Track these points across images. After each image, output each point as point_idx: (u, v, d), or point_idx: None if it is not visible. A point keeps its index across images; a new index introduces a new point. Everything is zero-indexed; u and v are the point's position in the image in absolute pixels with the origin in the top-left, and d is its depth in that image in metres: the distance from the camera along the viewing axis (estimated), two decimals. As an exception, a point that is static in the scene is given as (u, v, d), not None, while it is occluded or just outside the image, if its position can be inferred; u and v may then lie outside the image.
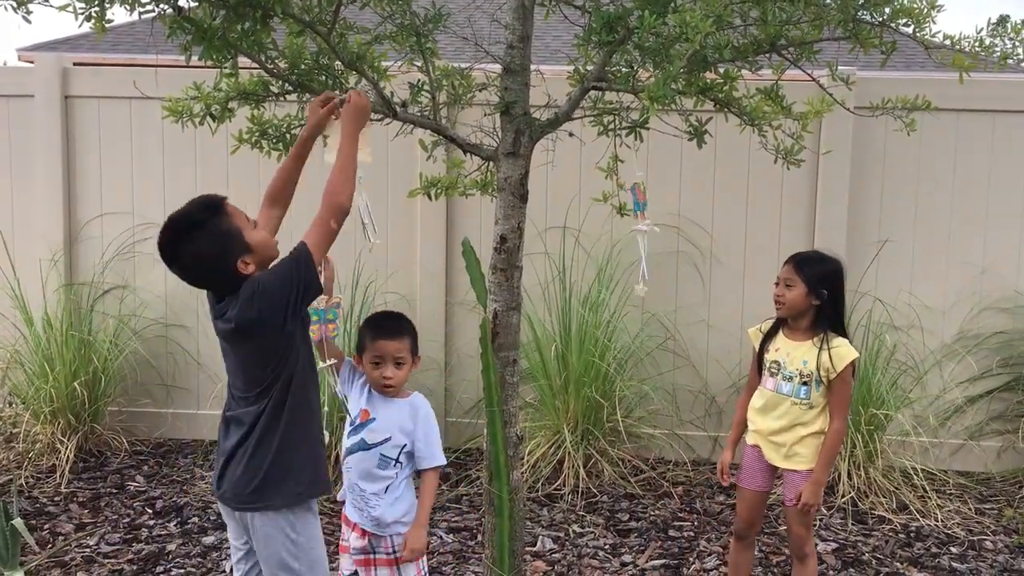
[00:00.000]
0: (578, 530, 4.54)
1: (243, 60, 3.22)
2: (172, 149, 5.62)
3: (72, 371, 5.24)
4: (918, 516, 4.76)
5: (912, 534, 4.59)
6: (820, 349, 3.33)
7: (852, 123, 5.22)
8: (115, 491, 4.90)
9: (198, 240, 2.56)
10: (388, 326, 3.09)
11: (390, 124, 3.32)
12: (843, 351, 3.30)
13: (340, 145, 2.75)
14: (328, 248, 2.63)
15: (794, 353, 3.39)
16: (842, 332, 3.39)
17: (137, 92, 5.42)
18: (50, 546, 4.22)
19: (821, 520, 4.71)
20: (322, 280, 2.69)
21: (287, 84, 3.21)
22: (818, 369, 3.31)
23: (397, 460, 3.06)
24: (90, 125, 5.68)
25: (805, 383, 3.34)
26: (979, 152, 5.40)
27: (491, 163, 3.50)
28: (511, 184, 3.36)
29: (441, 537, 4.43)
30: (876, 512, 4.80)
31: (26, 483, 4.93)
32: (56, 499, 4.77)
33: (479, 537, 4.38)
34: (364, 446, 3.05)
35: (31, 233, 5.66)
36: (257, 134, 3.47)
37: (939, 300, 5.46)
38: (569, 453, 5.01)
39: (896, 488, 4.93)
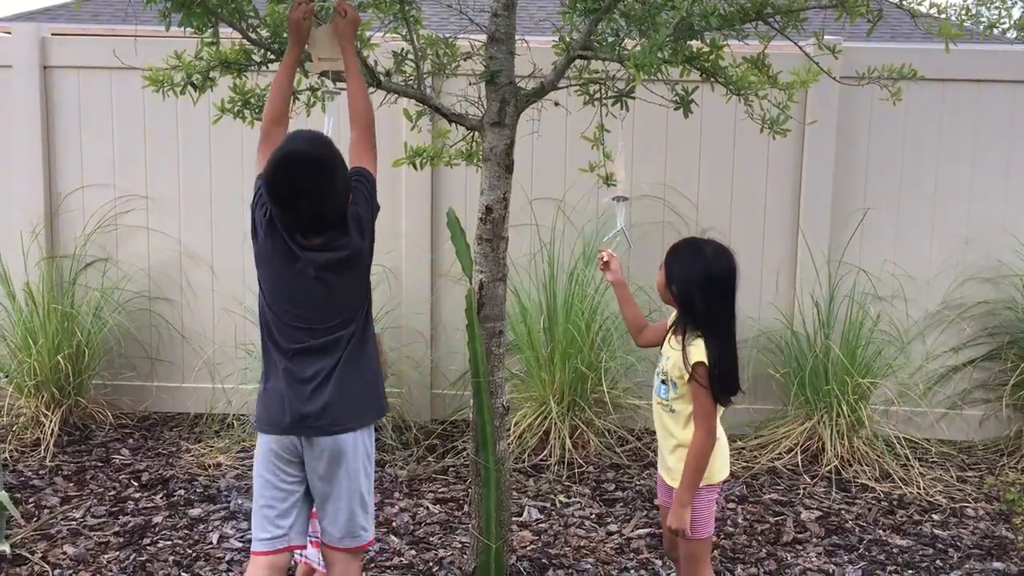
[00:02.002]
0: (564, 500, 4.56)
1: (225, 30, 3.18)
2: (153, 120, 5.56)
3: (55, 344, 5.20)
4: (901, 484, 4.80)
5: (895, 502, 4.64)
6: (683, 346, 2.95)
7: (838, 93, 5.21)
8: (100, 464, 4.89)
9: (339, 172, 2.61)
10: None
11: (373, 93, 3.29)
12: (692, 350, 2.90)
13: (348, 65, 2.92)
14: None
15: (665, 347, 3.07)
16: (713, 337, 2.92)
17: (117, 62, 5.33)
18: (35, 519, 4.21)
19: (805, 489, 4.75)
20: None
21: (269, 53, 3.17)
22: (675, 367, 2.96)
23: None
24: (70, 96, 5.60)
25: (663, 381, 3.02)
26: (964, 122, 5.41)
27: (476, 133, 3.48)
28: (496, 154, 3.34)
29: (428, 508, 4.44)
30: (859, 480, 4.84)
31: (10, 457, 4.91)
32: (41, 472, 4.75)
33: (466, 508, 4.40)
34: None
35: (11, 206, 5.59)
36: (239, 103, 3.44)
37: (923, 270, 5.48)
38: (555, 424, 5.03)
39: (879, 457, 4.97)
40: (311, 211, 2.55)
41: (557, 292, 5.20)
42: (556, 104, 3.63)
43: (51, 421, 5.11)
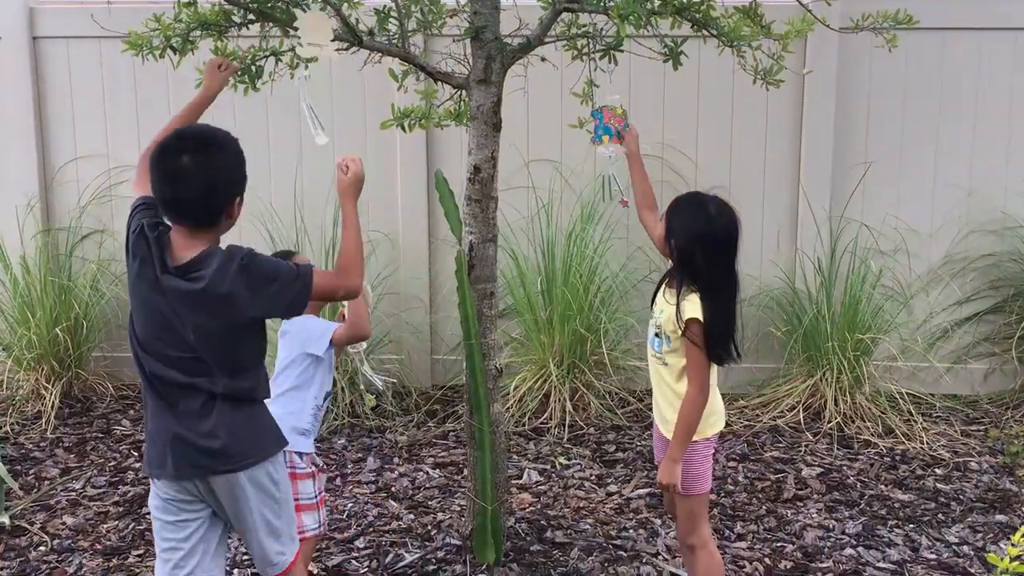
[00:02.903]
0: (564, 462, 4.55)
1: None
2: (144, 88, 5.50)
3: (53, 317, 5.19)
4: (904, 439, 4.77)
5: (897, 457, 4.61)
6: (677, 301, 2.90)
7: (837, 44, 5.11)
8: (101, 435, 4.89)
9: (216, 157, 2.41)
10: None
11: (356, 53, 3.23)
12: (686, 306, 2.84)
13: (345, 222, 2.70)
14: (317, 301, 2.73)
15: (659, 300, 3.01)
16: (710, 295, 2.86)
17: (106, 31, 5.28)
18: (35, 490, 4.22)
19: (806, 446, 4.72)
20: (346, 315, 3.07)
21: (249, 14, 3.11)
22: (668, 321, 2.91)
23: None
24: (60, 66, 5.55)
25: (657, 334, 2.97)
26: (966, 72, 5.30)
27: (464, 92, 3.42)
28: (483, 112, 3.29)
29: (428, 472, 4.43)
30: (862, 437, 4.81)
31: (11, 430, 4.91)
32: (42, 445, 4.76)
33: (465, 472, 4.38)
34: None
35: (5, 179, 5.56)
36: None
37: (925, 223, 5.41)
38: (555, 387, 5.00)
39: (882, 413, 4.93)
40: (176, 194, 2.38)
41: (555, 254, 5.15)
42: (543, 60, 3.55)
43: (51, 394, 5.11)
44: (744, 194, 5.37)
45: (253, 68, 3.37)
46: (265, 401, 2.62)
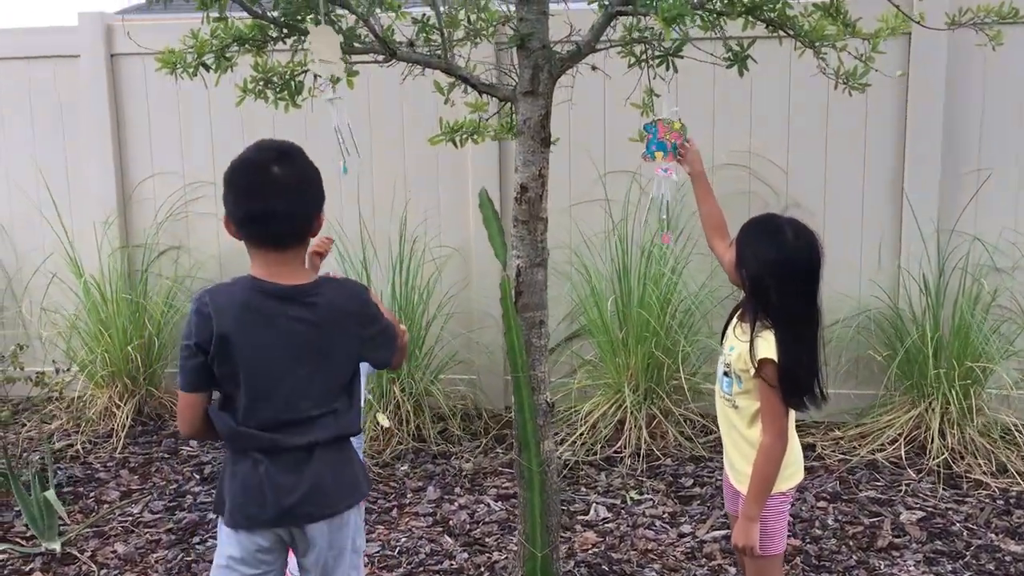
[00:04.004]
0: (636, 497, 4.23)
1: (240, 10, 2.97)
2: (218, 106, 5.44)
3: (126, 335, 5.18)
4: (1020, 480, 4.27)
5: (1012, 501, 4.12)
6: (750, 337, 2.58)
7: (946, 42, 4.64)
8: (167, 456, 4.83)
9: (299, 162, 2.28)
10: None
11: (391, 65, 3.02)
12: (760, 343, 2.54)
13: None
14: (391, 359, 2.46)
15: (730, 335, 2.70)
16: (787, 331, 2.54)
17: (181, 47, 5.26)
18: (94, 514, 4.16)
19: (907, 485, 4.28)
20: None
21: (280, 26, 2.94)
22: (739, 360, 2.61)
23: None
24: (137, 83, 5.55)
25: (726, 373, 2.67)
26: (1096, 68, 4.75)
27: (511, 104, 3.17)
28: (531, 127, 3.03)
29: (489, 505, 4.19)
30: (972, 475, 4.33)
31: (82, 448, 4.91)
32: (109, 464, 4.73)
33: (528, 505, 4.13)
34: None
35: (85, 195, 5.60)
36: (260, 83, 3.23)
37: (1049, 238, 4.86)
38: (630, 413, 4.69)
39: (996, 448, 4.44)
40: (275, 204, 2.21)
41: (631, 273, 4.84)
42: (594, 68, 3.26)
43: (123, 412, 5.10)
44: (841, 205, 4.98)
45: (292, 83, 3.20)
46: None
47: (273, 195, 2.22)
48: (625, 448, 4.63)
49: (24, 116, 5.64)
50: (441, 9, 3.02)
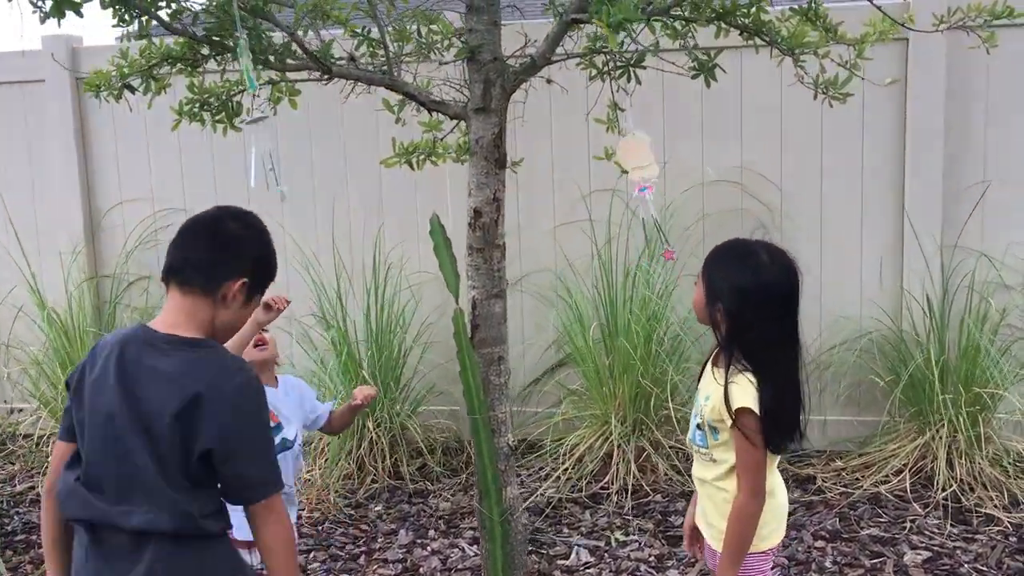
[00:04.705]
0: (621, 538, 3.96)
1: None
2: (186, 129, 5.22)
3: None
4: (1035, 514, 3.98)
5: (1026, 538, 3.83)
6: (724, 383, 2.28)
7: (945, 46, 4.37)
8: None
9: (239, 226, 2.06)
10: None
11: (328, 83, 2.79)
12: (735, 391, 2.24)
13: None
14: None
15: (703, 383, 2.41)
16: (768, 370, 2.26)
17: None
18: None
19: (913, 521, 3.98)
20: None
21: (204, 44, 2.71)
22: (713, 411, 2.32)
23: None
24: (103, 108, 5.34)
25: (699, 425, 2.38)
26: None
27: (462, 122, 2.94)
28: (483, 146, 2.80)
29: (463, 549, 3.92)
30: (982, 509, 4.03)
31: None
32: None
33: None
34: (288, 445, 2.73)
35: (51, 224, 5.40)
36: (196, 104, 3.01)
37: (1060, 252, 4.57)
38: (618, 446, 4.42)
39: (1007, 479, 4.14)
40: (193, 251, 2.01)
41: (617, 298, 4.58)
42: (549, 82, 3.03)
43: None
44: (838, 221, 4.71)
45: (230, 105, 2.98)
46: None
47: (196, 239, 2.04)
48: (612, 484, 4.36)
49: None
50: (384, 21, 2.78)
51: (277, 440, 2.66)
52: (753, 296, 2.30)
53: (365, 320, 4.75)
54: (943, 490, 4.14)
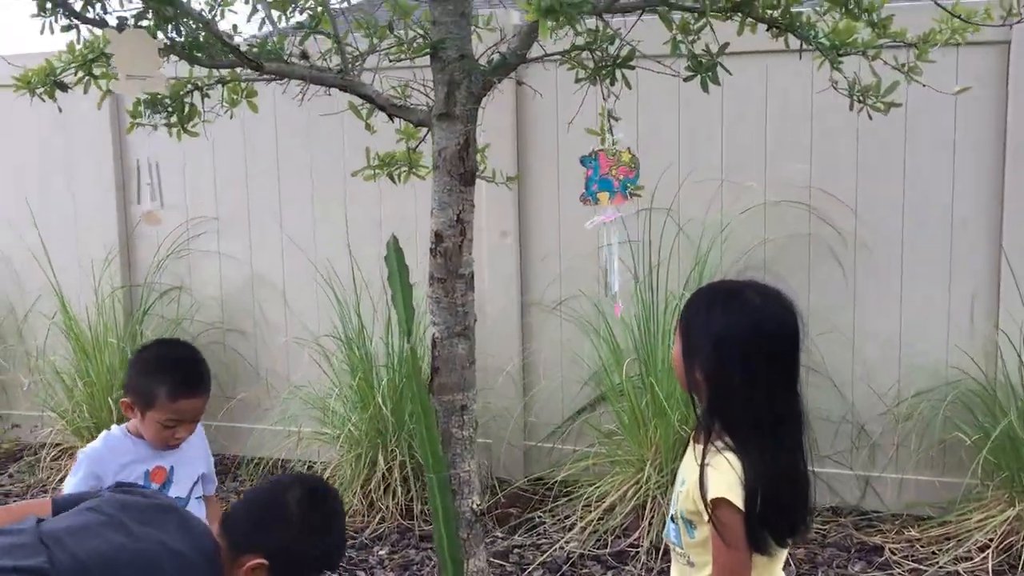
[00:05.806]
0: (640, 609, 3.47)
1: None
2: (219, 135, 5.00)
3: (108, 383, 4.77)
4: None
5: None
6: (700, 464, 1.84)
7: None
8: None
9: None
10: (196, 379, 2.31)
11: (259, 80, 2.43)
12: (712, 475, 1.80)
13: None
14: None
15: (684, 464, 1.97)
16: (756, 445, 1.80)
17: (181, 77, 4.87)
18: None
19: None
20: None
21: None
22: (687, 499, 1.88)
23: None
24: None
25: (672, 517, 1.96)
26: None
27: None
28: (446, 158, 2.39)
29: (460, 609, 3.50)
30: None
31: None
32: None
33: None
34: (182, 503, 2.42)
35: (86, 232, 5.27)
36: (146, 105, 2.71)
37: None
38: (651, 496, 3.93)
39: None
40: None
41: (658, 331, 4.09)
42: (520, 84, 2.60)
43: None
44: (921, 255, 4.11)
45: (184, 106, 2.66)
46: None
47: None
48: (642, 541, 3.87)
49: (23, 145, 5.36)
50: (336, 11, 2.40)
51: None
52: (740, 345, 1.82)
53: (386, 346, 4.41)
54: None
